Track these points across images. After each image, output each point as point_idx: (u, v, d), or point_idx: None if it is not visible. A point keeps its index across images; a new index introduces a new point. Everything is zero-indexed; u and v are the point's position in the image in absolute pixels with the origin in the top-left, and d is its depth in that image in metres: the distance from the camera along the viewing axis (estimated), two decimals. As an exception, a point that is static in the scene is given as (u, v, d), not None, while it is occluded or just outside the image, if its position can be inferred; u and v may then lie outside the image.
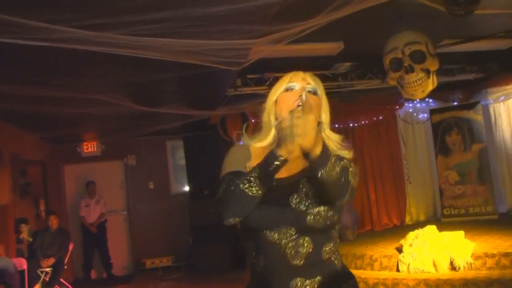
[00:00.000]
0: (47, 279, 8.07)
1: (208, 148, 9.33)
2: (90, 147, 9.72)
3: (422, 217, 9.41)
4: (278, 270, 1.81)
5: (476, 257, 5.85)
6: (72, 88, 5.16)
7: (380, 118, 9.39)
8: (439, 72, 6.36)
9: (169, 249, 9.79)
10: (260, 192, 1.70)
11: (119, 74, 5.05)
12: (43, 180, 9.43)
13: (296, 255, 1.79)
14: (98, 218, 9.45)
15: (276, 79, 7.69)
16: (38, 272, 8.00)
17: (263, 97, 7.67)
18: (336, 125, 8.78)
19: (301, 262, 1.79)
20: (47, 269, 8.08)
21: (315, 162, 1.67)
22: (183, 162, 9.97)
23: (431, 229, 6.33)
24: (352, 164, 1.84)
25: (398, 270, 6.12)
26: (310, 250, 1.80)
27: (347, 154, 1.91)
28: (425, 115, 9.63)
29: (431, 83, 5.94)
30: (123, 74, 5.03)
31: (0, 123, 6.94)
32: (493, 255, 5.82)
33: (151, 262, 9.63)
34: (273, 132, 1.97)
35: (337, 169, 1.71)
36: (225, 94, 7.34)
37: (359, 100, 8.82)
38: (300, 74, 1.94)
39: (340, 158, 1.78)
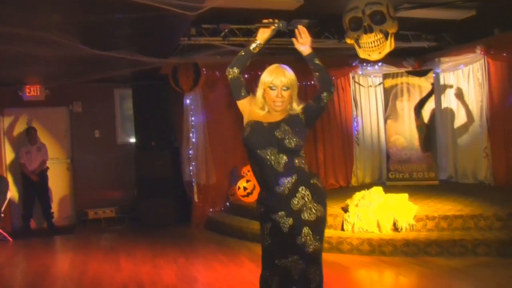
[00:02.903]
0: (-18, 227, 7.78)
1: (158, 98, 9.06)
2: (33, 91, 9.20)
3: (367, 180, 9.61)
4: (269, 174, 2.96)
5: (418, 219, 6.03)
6: (14, 23, 4.78)
7: (333, 79, 9.35)
8: (395, 37, 6.36)
9: (113, 201, 9.59)
10: (242, 53, 3.08)
11: (67, 10, 4.72)
12: (-20, 124, 8.96)
13: (278, 165, 2.93)
14: (39, 165, 9.07)
15: (232, 31, 7.51)
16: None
17: (218, 48, 7.42)
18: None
19: (282, 169, 2.92)
20: (-18, 217, 7.78)
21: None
22: (131, 111, 9.65)
23: (377, 190, 6.45)
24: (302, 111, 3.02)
25: (342, 229, 6.23)
26: (286, 161, 2.92)
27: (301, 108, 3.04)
28: (378, 79, 9.70)
29: (388, 45, 5.94)
30: (72, 11, 4.70)
31: None
32: (433, 218, 6.02)
33: (94, 213, 9.42)
34: (263, 106, 3.05)
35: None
36: (178, 43, 7.09)
37: (313, 60, 8.74)
38: (280, 77, 2.97)
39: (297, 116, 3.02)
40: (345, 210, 6.41)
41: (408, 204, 6.25)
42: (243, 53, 3.06)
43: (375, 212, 6.07)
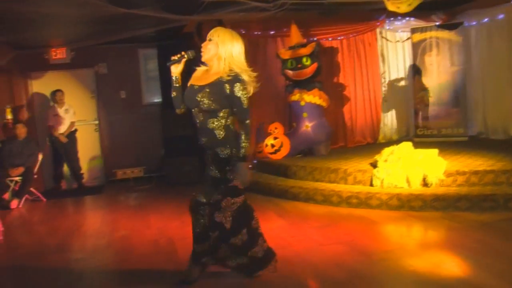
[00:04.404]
0: (17, 188, 7.97)
1: (183, 57, 9.01)
2: (58, 54, 9.22)
3: (395, 136, 9.51)
4: (197, 129, 3.60)
5: (448, 174, 5.93)
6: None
7: (360, 34, 9.15)
8: (423, -10, 6.13)
9: (140, 160, 9.73)
10: (173, 94, 3.69)
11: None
12: (9, 88, 9.03)
13: (197, 122, 3.56)
14: (68, 128, 9.20)
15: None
16: (7, 181, 7.87)
17: (242, 5, 7.27)
18: (315, 39, 8.54)
19: (200, 126, 3.56)
20: (16, 178, 7.95)
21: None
22: (155, 71, 9.67)
23: (407, 145, 6.36)
24: (241, 83, 3.49)
25: (371, 184, 6.18)
26: (202, 119, 3.53)
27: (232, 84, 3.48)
28: (406, 34, 9.45)
29: (418, -3, 5.74)
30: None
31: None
32: (464, 173, 5.91)
33: (122, 173, 9.57)
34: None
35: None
36: (202, 0, 6.97)
37: (339, 14, 8.54)
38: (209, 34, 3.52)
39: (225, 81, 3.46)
40: (374, 165, 6.35)
41: (437, 160, 6.14)
42: (174, 93, 3.66)
43: (404, 168, 6.00)
